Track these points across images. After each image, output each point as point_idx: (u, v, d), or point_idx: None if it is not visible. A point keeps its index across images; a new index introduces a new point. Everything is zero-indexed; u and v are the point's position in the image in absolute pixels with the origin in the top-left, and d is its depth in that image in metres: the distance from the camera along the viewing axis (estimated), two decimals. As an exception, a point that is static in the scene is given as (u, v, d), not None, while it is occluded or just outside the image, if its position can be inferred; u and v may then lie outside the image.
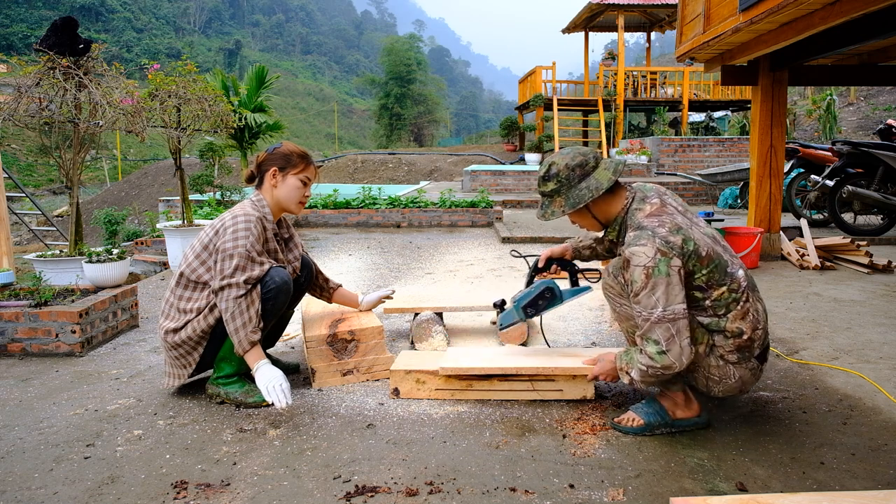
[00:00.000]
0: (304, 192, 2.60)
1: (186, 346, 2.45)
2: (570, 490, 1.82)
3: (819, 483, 1.85)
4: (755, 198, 5.38)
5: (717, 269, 2.01)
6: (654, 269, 1.92)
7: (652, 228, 1.99)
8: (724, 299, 2.01)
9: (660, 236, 1.96)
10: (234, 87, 13.82)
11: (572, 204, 2.12)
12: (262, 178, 2.58)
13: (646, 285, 1.93)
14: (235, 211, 2.49)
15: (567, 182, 2.13)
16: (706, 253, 2.00)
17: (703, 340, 2.06)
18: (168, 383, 2.54)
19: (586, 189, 2.10)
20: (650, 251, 1.93)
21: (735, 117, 15.73)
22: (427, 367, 2.49)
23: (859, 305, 3.91)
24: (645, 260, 1.93)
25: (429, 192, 10.28)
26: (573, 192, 2.12)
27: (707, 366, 2.08)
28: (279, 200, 2.57)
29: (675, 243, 1.96)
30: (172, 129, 5.11)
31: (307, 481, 1.88)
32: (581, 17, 16.91)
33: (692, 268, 1.99)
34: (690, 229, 2.04)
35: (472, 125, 78.12)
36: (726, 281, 2.02)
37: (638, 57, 59.19)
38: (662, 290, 1.92)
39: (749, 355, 2.07)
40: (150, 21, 70.16)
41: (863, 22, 3.77)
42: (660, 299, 1.92)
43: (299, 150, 2.62)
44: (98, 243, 7.77)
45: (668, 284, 1.92)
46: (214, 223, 2.51)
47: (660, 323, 1.93)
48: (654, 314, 1.93)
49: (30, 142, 26.21)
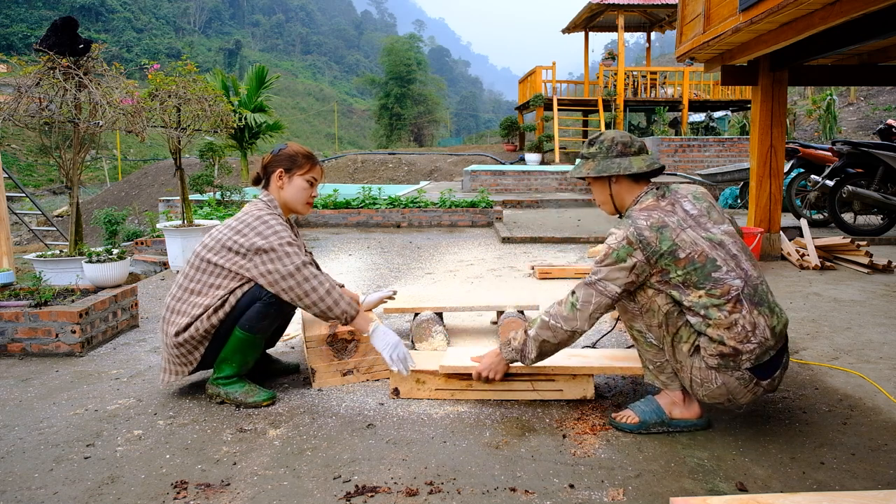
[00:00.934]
0: (311, 192, 2.60)
1: (189, 346, 2.44)
2: (570, 490, 1.82)
3: (819, 483, 1.85)
4: (755, 198, 5.38)
5: (696, 271, 2.01)
6: (615, 249, 2.07)
7: (634, 219, 2.10)
8: (701, 302, 2.01)
9: (637, 227, 2.07)
10: (234, 87, 13.81)
11: (598, 171, 2.23)
12: (268, 179, 2.59)
13: (603, 259, 2.10)
14: (253, 212, 2.48)
15: (606, 152, 2.25)
16: (686, 255, 2.02)
17: (689, 340, 2.06)
18: (165, 379, 2.51)
19: (617, 165, 2.21)
20: (620, 235, 2.08)
21: (735, 117, 15.73)
22: (427, 367, 2.49)
23: (859, 305, 3.91)
24: (613, 240, 2.10)
25: (429, 192, 10.29)
26: (605, 162, 2.24)
27: (690, 366, 2.09)
28: (287, 201, 2.58)
29: (648, 239, 2.04)
30: (172, 129, 5.11)
31: (307, 481, 1.88)
32: (581, 17, 16.91)
33: (665, 266, 2.04)
34: (682, 230, 2.04)
35: (472, 125, 78.11)
36: (706, 285, 2.01)
37: (638, 57, 59.19)
38: (609, 268, 2.08)
39: (735, 365, 2.02)
40: (150, 21, 70.16)
41: (863, 22, 3.77)
42: (601, 271, 2.10)
43: (304, 150, 2.62)
44: (98, 243, 7.77)
45: (616, 266, 2.07)
46: (230, 223, 2.48)
47: (588, 287, 2.12)
48: (592, 278, 2.12)
49: (30, 142, 26.22)
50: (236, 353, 2.45)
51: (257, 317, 2.41)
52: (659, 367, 2.18)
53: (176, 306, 2.47)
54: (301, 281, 2.36)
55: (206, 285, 2.45)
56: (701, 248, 2.03)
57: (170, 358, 2.49)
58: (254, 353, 2.50)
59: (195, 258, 2.49)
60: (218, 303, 2.40)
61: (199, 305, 2.42)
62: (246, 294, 2.41)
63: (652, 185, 2.23)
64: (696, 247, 2.03)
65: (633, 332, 2.19)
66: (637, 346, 2.23)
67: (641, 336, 2.17)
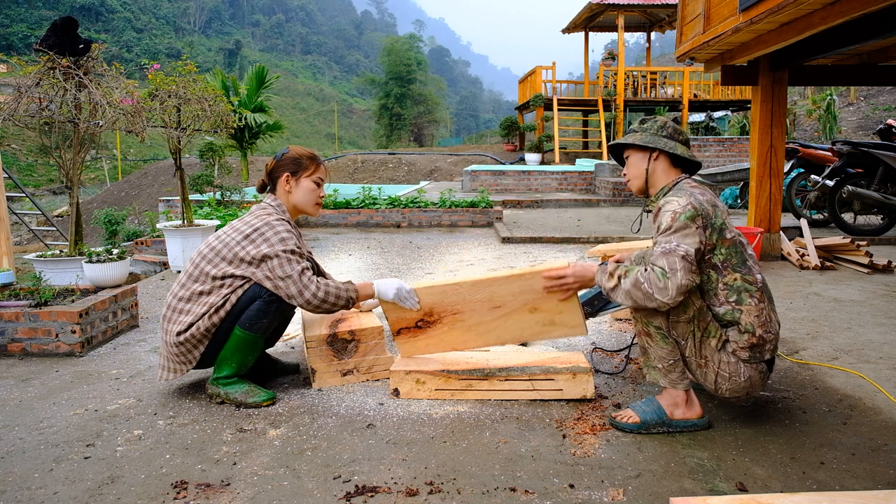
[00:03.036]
0: (319, 192, 2.63)
1: (189, 344, 2.45)
2: (570, 490, 1.82)
3: (819, 483, 1.85)
4: (755, 198, 5.38)
5: (735, 254, 2.12)
6: (681, 214, 2.07)
7: (689, 191, 2.15)
8: (736, 285, 2.10)
9: (696, 198, 2.11)
10: (234, 87, 13.80)
11: (645, 140, 2.28)
12: (274, 184, 2.60)
13: (670, 226, 2.07)
14: (262, 216, 2.50)
15: (658, 131, 2.31)
16: (731, 236, 2.12)
17: (716, 335, 2.10)
18: (163, 376, 2.52)
19: (664, 143, 2.27)
20: (683, 201, 2.09)
21: (735, 117, 15.73)
22: (427, 368, 2.49)
23: (859, 305, 3.91)
24: (676, 206, 2.09)
25: (429, 192, 10.29)
26: (654, 137, 2.30)
27: (718, 361, 2.11)
28: (296, 204, 2.60)
29: (707, 210, 2.10)
30: (172, 129, 5.11)
31: (307, 481, 1.88)
32: (581, 17, 16.90)
33: (714, 241, 2.10)
34: (727, 214, 2.17)
35: (472, 125, 78.12)
36: (742, 270, 2.11)
37: (638, 57, 59.19)
38: (681, 232, 2.06)
39: (760, 357, 2.11)
40: (150, 21, 70.16)
41: (863, 22, 3.77)
42: (675, 237, 2.06)
43: (308, 152, 2.63)
44: (98, 243, 7.77)
45: (687, 228, 2.06)
46: (239, 226, 2.50)
47: (669, 255, 2.04)
48: (667, 247, 2.05)
49: (30, 142, 26.23)
50: (236, 352, 2.45)
51: (257, 315, 2.41)
52: (670, 366, 2.15)
53: (178, 305, 2.48)
54: (302, 288, 2.42)
55: (211, 285, 2.45)
56: (735, 233, 2.15)
57: (169, 356, 2.50)
58: (253, 353, 2.50)
59: (200, 258, 2.50)
60: (220, 301, 2.41)
61: (203, 304, 2.43)
62: (246, 293, 2.42)
63: (686, 175, 2.31)
64: (733, 231, 2.15)
65: (649, 328, 2.14)
66: (649, 345, 2.17)
67: (659, 332, 2.13)
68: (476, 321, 2.49)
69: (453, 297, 2.47)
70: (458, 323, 2.50)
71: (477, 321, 2.49)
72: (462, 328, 2.51)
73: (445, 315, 2.50)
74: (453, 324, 2.51)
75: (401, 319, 2.55)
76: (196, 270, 2.48)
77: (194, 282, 2.47)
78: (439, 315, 2.51)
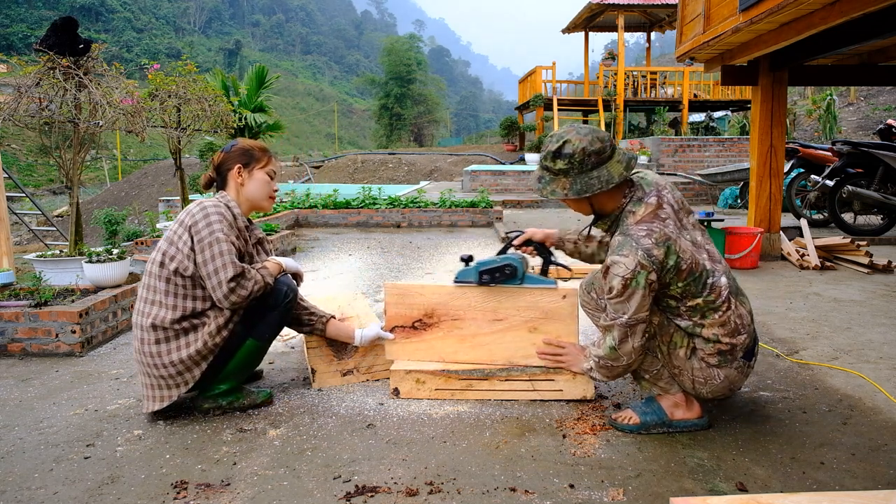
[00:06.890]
0: (273, 185, 2.51)
1: (186, 363, 2.26)
2: (570, 490, 1.82)
3: (819, 483, 1.85)
4: (755, 198, 5.38)
5: (694, 282, 2.02)
6: (631, 280, 1.96)
7: (637, 239, 1.97)
8: (699, 307, 2.05)
9: (643, 248, 1.95)
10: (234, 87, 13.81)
11: (578, 191, 2.04)
12: (223, 179, 2.45)
13: (621, 294, 1.98)
14: (197, 211, 2.31)
15: (579, 167, 2.03)
16: (686, 267, 2.00)
17: (684, 344, 2.10)
18: (149, 408, 2.28)
19: (597, 179, 2.02)
20: (631, 263, 1.95)
21: (735, 117, 15.72)
22: (427, 368, 2.49)
23: (859, 305, 3.91)
24: (624, 271, 1.96)
25: (429, 192, 10.28)
26: (582, 178, 2.04)
27: (691, 368, 2.11)
28: (249, 198, 2.44)
29: (657, 257, 1.96)
30: (172, 129, 5.11)
31: (307, 481, 1.88)
32: (581, 17, 16.91)
33: (668, 280, 2.01)
34: (678, 239, 2.02)
35: (472, 125, 78.15)
36: (703, 293, 2.03)
37: (638, 57, 59.18)
38: (634, 301, 1.98)
39: (732, 359, 2.09)
40: (150, 21, 70.19)
41: (863, 22, 3.77)
42: (629, 308, 1.99)
43: (259, 144, 2.53)
44: (98, 243, 7.77)
45: (641, 296, 1.98)
46: (183, 219, 2.31)
47: (621, 327, 2.03)
48: (620, 320, 2.02)
49: (30, 142, 26.23)
50: (245, 367, 2.40)
51: (278, 325, 2.42)
52: (655, 375, 2.18)
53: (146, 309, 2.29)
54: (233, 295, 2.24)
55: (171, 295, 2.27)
56: (692, 256, 2.02)
57: (158, 380, 2.27)
58: (259, 362, 2.50)
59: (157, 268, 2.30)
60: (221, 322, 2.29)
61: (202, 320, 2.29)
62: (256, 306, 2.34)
63: (633, 189, 2.11)
64: (691, 257, 2.02)
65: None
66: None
67: None
68: (472, 332, 2.49)
69: (460, 300, 2.48)
70: (454, 331, 2.51)
71: (473, 332, 2.49)
72: (456, 337, 2.51)
73: (445, 319, 2.51)
74: (450, 331, 2.51)
75: (399, 316, 2.54)
76: (154, 280, 2.31)
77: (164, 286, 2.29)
78: (439, 318, 2.51)
